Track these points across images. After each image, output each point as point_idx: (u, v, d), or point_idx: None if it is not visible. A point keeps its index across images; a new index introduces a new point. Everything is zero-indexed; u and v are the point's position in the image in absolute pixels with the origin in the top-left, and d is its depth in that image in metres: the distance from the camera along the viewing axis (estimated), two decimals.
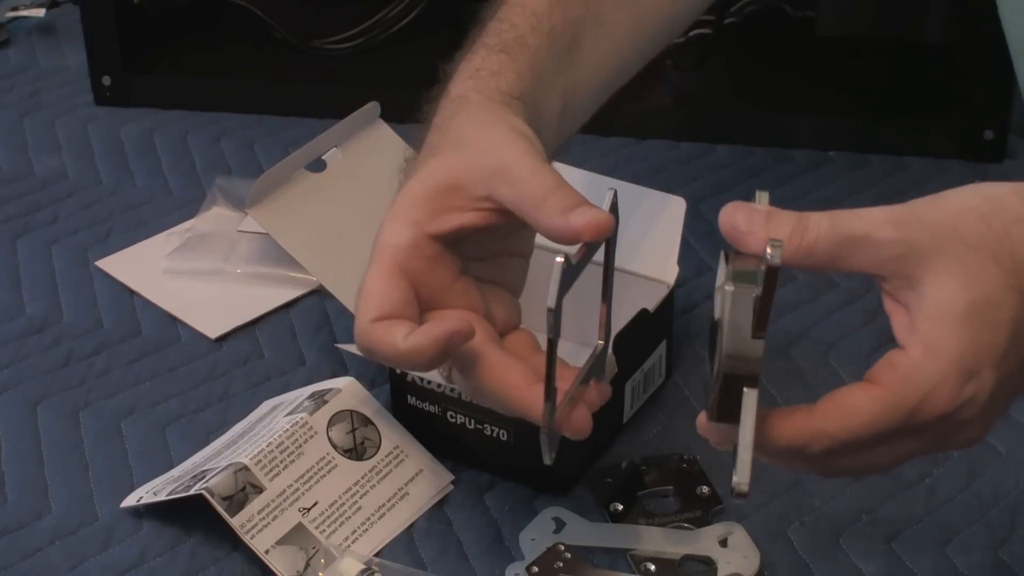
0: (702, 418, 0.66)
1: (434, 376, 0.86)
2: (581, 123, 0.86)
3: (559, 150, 0.84)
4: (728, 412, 0.63)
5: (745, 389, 0.63)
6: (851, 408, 0.63)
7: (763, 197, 0.65)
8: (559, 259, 0.67)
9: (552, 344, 0.68)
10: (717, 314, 0.65)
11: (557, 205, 0.70)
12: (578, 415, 0.72)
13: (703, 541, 0.83)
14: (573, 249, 0.70)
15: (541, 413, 0.70)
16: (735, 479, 0.62)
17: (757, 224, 0.64)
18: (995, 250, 0.62)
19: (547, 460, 0.71)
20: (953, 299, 0.62)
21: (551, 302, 0.67)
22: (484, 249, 0.75)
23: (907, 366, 0.62)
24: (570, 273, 0.68)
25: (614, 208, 0.72)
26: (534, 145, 0.74)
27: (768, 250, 0.61)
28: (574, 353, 0.96)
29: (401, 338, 0.70)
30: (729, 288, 0.62)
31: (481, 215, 0.72)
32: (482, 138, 0.74)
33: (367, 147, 0.98)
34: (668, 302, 0.93)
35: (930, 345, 0.62)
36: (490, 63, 0.79)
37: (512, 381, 0.71)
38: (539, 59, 0.80)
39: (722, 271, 0.64)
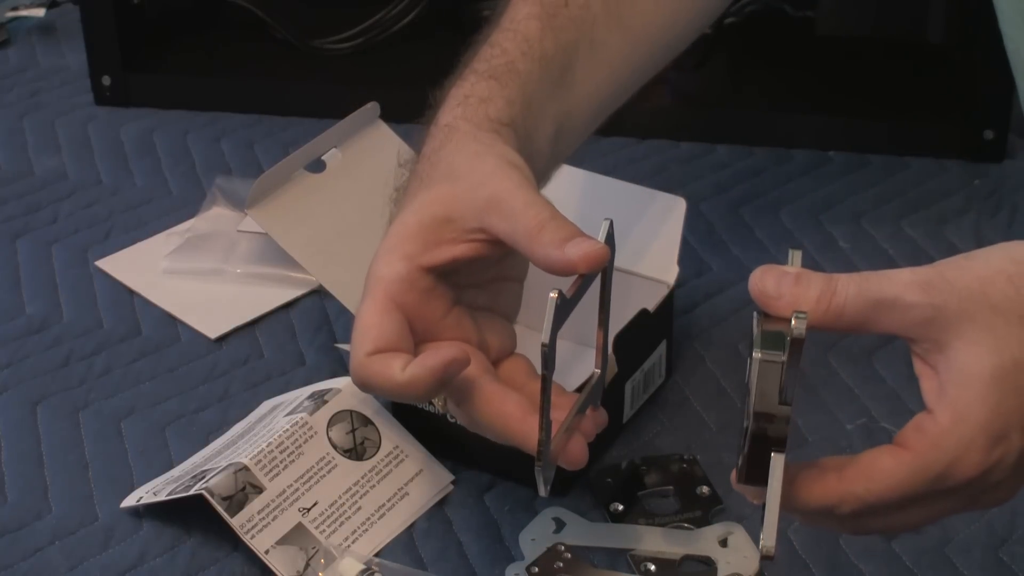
0: (734, 475, 0.67)
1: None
2: (575, 147, 0.86)
3: (551, 175, 0.84)
4: (756, 475, 0.64)
5: (773, 453, 0.64)
6: (879, 472, 0.64)
7: (796, 257, 0.67)
8: (552, 294, 0.67)
9: (546, 379, 0.69)
10: (747, 379, 0.65)
11: (552, 237, 0.70)
12: (574, 446, 0.72)
13: (703, 541, 0.83)
14: (567, 282, 0.70)
15: (536, 445, 0.70)
16: (762, 542, 0.63)
17: (786, 288, 0.65)
18: (1023, 313, 0.63)
19: (542, 492, 0.71)
20: (981, 364, 0.62)
21: (545, 338, 0.67)
22: (477, 276, 0.75)
23: (935, 432, 0.63)
24: (564, 308, 0.68)
25: (610, 239, 0.72)
26: (525, 175, 0.74)
27: (793, 322, 0.62)
28: (575, 353, 0.96)
29: (399, 370, 0.70)
30: (757, 355, 0.64)
31: (474, 246, 0.73)
32: (473, 169, 0.74)
33: (367, 147, 0.98)
34: (668, 302, 0.93)
35: (958, 411, 0.62)
36: (479, 90, 0.78)
37: (508, 412, 0.72)
38: (530, 85, 0.79)
39: (755, 333, 0.65)
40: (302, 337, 1.01)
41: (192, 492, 0.82)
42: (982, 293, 0.63)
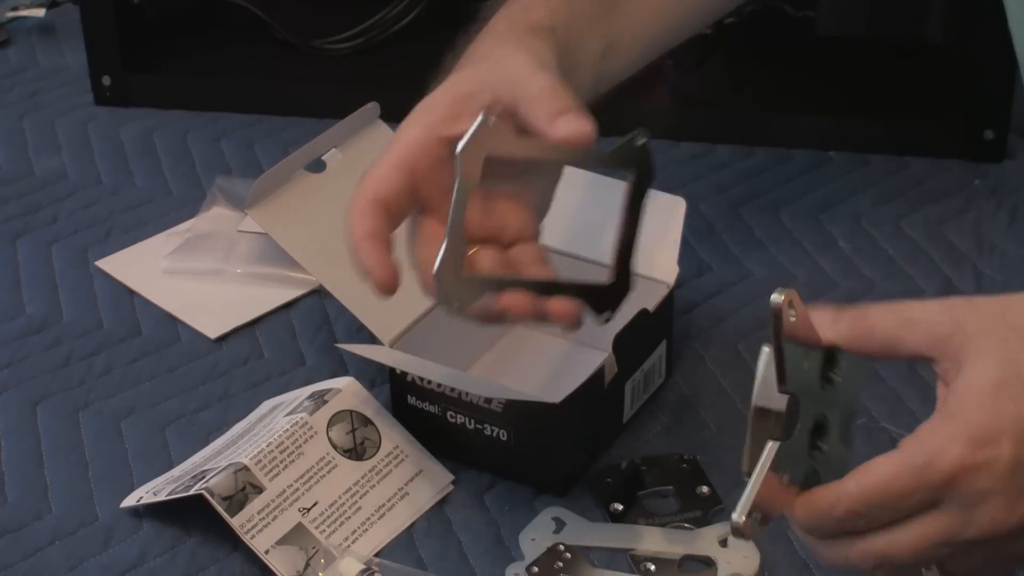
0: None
1: (435, 377, 0.86)
2: (626, 72, 0.90)
3: (599, 92, 0.87)
4: (755, 464, 0.65)
5: (769, 442, 0.65)
6: (869, 468, 0.65)
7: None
8: (480, 116, 0.73)
9: (458, 191, 0.73)
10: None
11: (546, 108, 0.75)
12: (560, 302, 0.75)
13: (703, 541, 0.83)
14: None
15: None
16: (733, 515, 0.64)
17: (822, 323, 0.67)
18: None
19: (447, 311, 0.73)
20: (985, 375, 0.63)
21: (458, 148, 0.72)
22: (506, 168, 0.77)
23: (923, 429, 0.64)
24: (494, 134, 0.73)
25: (642, 147, 0.78)
26: (544, 62, 0.78)
27: (773, 296, 0.64)
28: (575, 353, 0.96)
29: (374, 257, 0.74)
30: (766, 348, 0.66)
31: None
32: (495, 52, 0.79)
33: (367, 147, 0.98)
34: (668, 302, 0.93)
35: (949, 411, 0.64)
36: (525, 1, 0.83)
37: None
38: (577, 2, 0.84)
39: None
40: (302, 337, 1.01)
41: (192, 492, 0.82)
42: (1001, 314, 0.65)
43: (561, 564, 0.81)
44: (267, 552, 0.81)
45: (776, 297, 0.64)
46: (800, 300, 0.66)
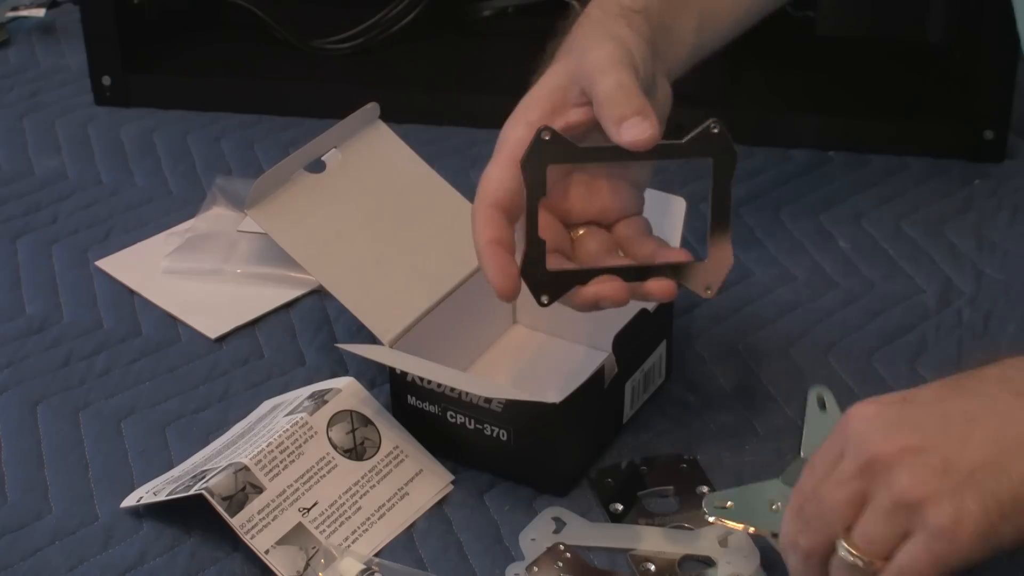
0: None
1: (435, 377, 0.86)
2: (721, 43, 0.94)
3: (695, 61, 0.92)
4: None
5: None
6: None
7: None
8: (537, 132, 0.77)
9: (529, 200, 0.78)
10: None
11: (612, 112, 0.77)
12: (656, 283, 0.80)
13: (703, 541, 0.82)
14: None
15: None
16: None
17: None
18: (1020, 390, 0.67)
19: (538, 301, 0.79)
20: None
21: (520, 162, 0.77)
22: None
23: None
24: (555, 144, 0.77)
25: (720, 134, 0.82)
26: (624, 48, 0.80)
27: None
28: (574, 353, 0.96)
29: (497, 265, 0.78)
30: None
31: (583, 111, 0.80)
32: (583, 43, 0.82)
33: (367, 147, 0.98)
34: (668, 302, 0.93)
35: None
36: None
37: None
38: None
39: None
40: (302, 337, 1.01)
41: (192, 492, 0.82)
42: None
43: (561, 564, 0.81)
44: (267, 552, 0.81)
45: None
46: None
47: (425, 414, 0.88)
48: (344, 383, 0.89)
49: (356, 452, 0.87)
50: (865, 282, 1.05)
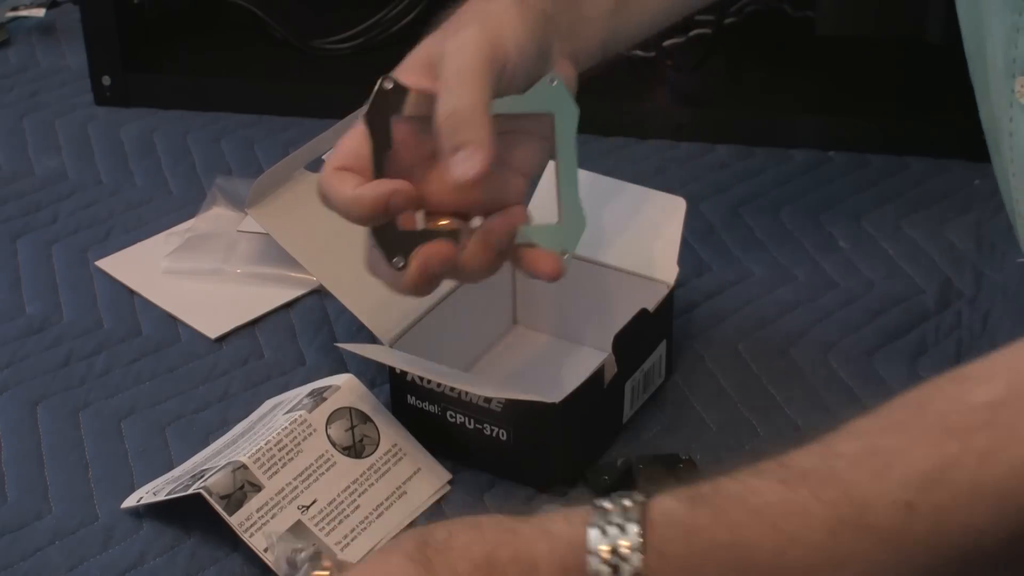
0: None
1: (435, 377, 0.86)
2: (641, 32, 0.89)
3: (616, 46, 0.87)
4: None
5: None
6: None
7: None
8: (379, 82, 0.77)
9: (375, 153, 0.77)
10: None
11: (446, 141, 0.74)
12: (534, 256, 0.77)
13: None
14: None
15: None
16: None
17: None
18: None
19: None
20: None
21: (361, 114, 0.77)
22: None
23: None
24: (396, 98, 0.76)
25: (557, 87, 0.77)
26: (489, 33, 0.76)
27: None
28: (574, 353, 0.96)
29: (351, 187, 0.75)
30: None
31: None
32: (461, 20, 0.78)
33: None
34: (668, 302, 0.93)
35: None
36: None
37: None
38: None
39: None
40: (302, 337, 1.01)
41: (191, 491, 0.82)
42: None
43: None
44: (266, 550, 0.81)
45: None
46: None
47: (425, 414, 0.88)
48: (343, 380, 0.89)
49: (355, 449, 0.87)
50: (865, 282, 1.05)
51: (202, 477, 0.83)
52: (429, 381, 0.87)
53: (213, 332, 1.02)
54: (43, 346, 1.01)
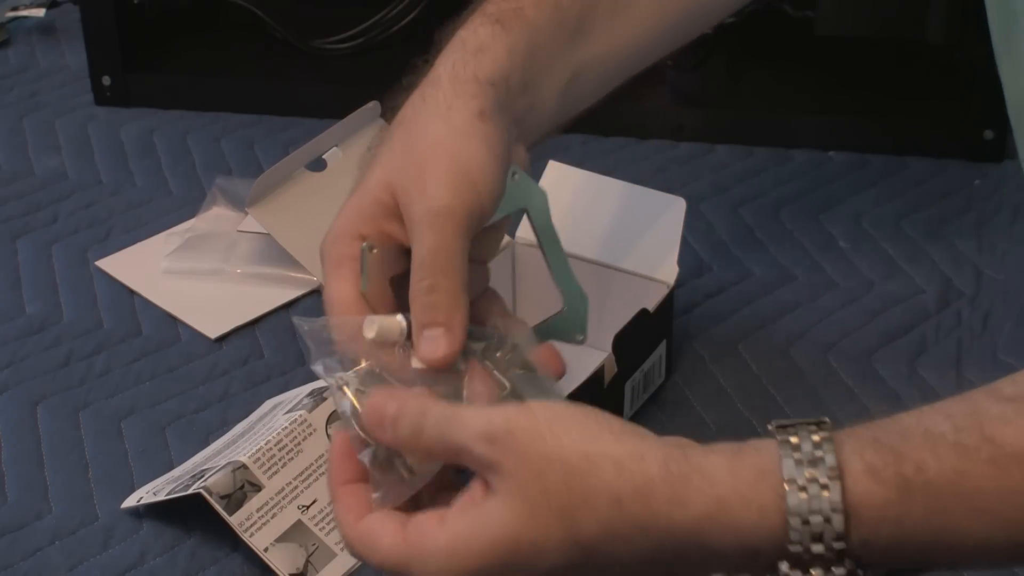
0: None
1: None
2: (592, 101, 0.85)
3: (562, 125, 0.83)
4: None
5: None
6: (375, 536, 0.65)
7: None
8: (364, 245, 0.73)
9: None
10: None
11: (417, 317, 0.70)
12: (545, 351, 0.73)
13: None
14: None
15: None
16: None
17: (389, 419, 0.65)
18: (563, 506, 0.61)
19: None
20: (499, 526, 0.61)
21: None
22: None
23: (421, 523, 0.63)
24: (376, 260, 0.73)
25: (523, 180, 0.74)
26: (467, 222, 0.71)
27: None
28: (575, 353, 0.96)
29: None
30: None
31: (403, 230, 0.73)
32: (417, 136, 0.73)
33: (367, 147, 0.98)
34: (668, 302, 0.93)
35: (448, 536, 0.62)
36: (481, 35, 0.77)
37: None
38: (538, 33, 0.78)
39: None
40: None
41: (191, 491, 0.82)
42: (539, 472, 0.62)
43: None
44: (266, 550, 0.81)
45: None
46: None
47: None
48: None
49: None
50: (865, 282, 1.05)
51: (202, 477, 0.83)
52: None
53: (213, 332, 1.02)
54: (43, 346, 1.01)
